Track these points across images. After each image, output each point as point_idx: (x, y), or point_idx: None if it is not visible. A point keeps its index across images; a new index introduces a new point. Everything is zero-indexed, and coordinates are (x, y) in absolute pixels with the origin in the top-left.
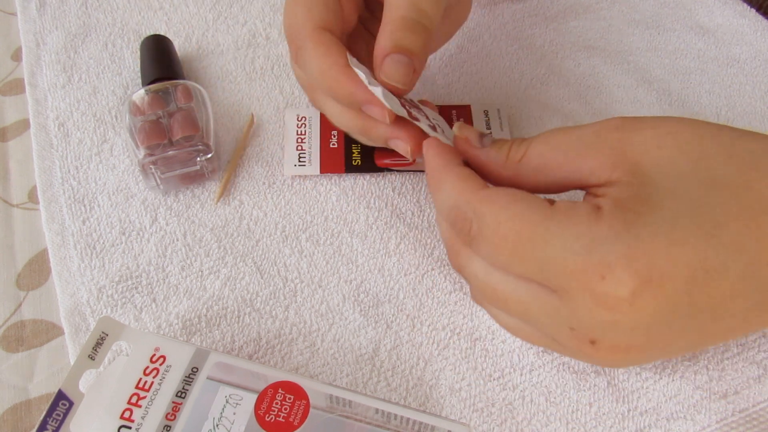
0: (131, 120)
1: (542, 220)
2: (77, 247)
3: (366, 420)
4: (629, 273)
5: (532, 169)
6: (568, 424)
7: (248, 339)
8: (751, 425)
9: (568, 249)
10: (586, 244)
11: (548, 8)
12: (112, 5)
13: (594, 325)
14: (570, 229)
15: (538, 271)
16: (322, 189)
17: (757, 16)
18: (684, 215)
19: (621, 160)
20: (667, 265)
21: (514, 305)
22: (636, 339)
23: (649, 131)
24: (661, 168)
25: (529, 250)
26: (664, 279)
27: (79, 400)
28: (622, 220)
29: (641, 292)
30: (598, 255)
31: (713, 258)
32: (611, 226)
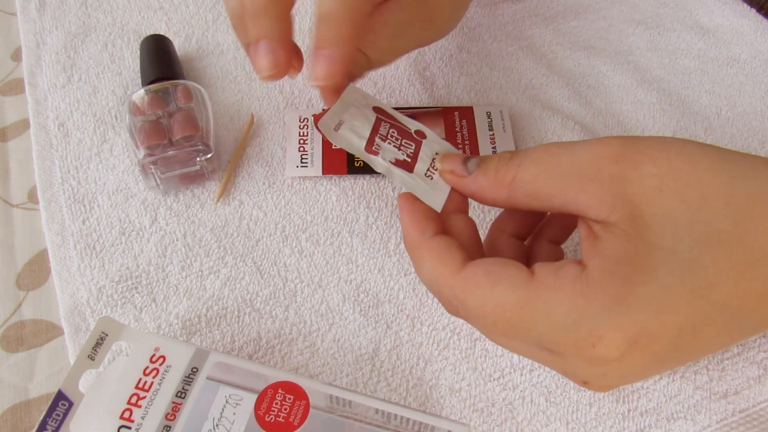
0: (131, 120)
1: (527, 302)
2: (77, 247)
3: (366, 420)
4: (618, 341)
5: (524, 195)
6: (568, 424)
7: (248, 339)
8: (751, 425)
9: (558, 325)
10: (575, 320)
11: (548, 8)
12: (112, 5)
13: (587, 375)
14: (557, 305)
15: (533, 341)
16: (322, 189)
17: (757, 16)
18: (676, 281)
19: (620, 201)
20: (655, 329)
21: (516, 351)
22: (624, 381)
23: (649, 167)
24: (661, 219)
25: (521, 331)
26: (652, 340)
27: (79, 400)
28: (613, 292)
29: (630, 353)
30: (588, 328)
31: (701, 317)
32: (600, 299)
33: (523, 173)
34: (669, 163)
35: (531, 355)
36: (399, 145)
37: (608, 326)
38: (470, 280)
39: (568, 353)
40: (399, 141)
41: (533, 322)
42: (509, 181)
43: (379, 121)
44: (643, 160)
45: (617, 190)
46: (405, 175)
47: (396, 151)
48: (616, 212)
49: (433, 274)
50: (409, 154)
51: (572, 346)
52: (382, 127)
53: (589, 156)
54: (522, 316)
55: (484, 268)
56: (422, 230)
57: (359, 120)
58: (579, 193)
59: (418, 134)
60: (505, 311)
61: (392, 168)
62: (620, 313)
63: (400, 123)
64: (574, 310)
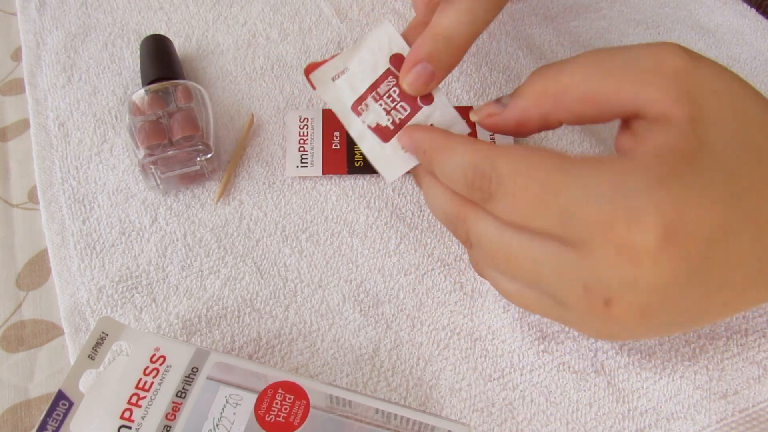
0: (131, 120)
1: (564, 167)
2: (77, 247)
3: (366, 420)
4: (657, 223)
5: (575, 99)
6: (568, 424)
7: (248, 339)
8: (751, 425)
9: (593, 198)
10: (612, 192)
11: (548, 8)
12: (112, 5)
13: (612, 281)
14: (595, 176)
15: (559, 222)
16: (322, 189)
17: (757, 16)
18: (719, 181)
19: (685, 97)
20: (693, 221)
21: (525, 264)
22: (652, 300)
23: (708, 69)
24: (718, 122)
25: (551, 199)
26: (688, 236)
27: (79, 400)
28: (657, 174)
29: (665, 247)
30: (626, 203)
31: (733, 221)
32: (642, 176)
33: (574, 77)
34: (721, 72)
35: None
36: (390, 109)
37: (648, 204)
38: (508, 149)
39: (597, 240)
40: (394, 103)
41: (566, 189)
42: (554, 90)
43: (386, 75)
44: (702, 60)
45: (683, 85)
46: (376, 143)
47: (382, 115)
48: (678, 107)
49: (467, 153)
50: (395, 120)
51: (604, 228)
52: (386, 83)
53: (647, 51)
54: (556, 180)
55: (523, 145)
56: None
57: (364, 70)
58: (641, 86)
59: (424, 98)
60: (539, 173)
61: (366, 132)
62: (661, 194)
63: None
64: (613, 183)
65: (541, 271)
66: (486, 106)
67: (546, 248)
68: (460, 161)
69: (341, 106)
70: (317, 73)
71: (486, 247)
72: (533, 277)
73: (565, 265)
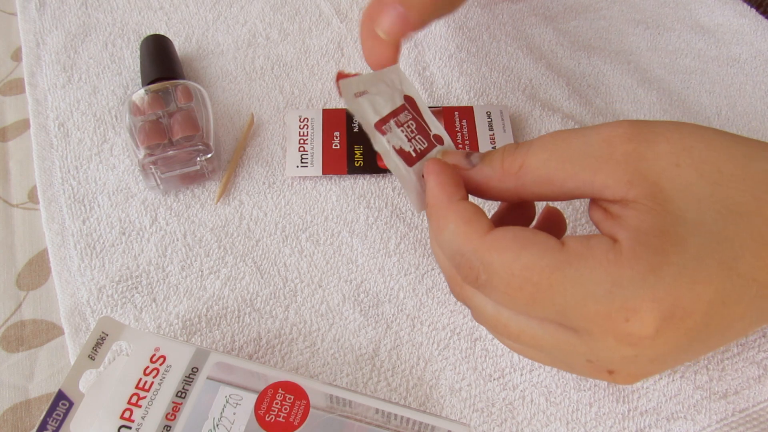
0: (131, 120)
1: (558, 266)
2: (77, 247)
3: (366, 420)
4: (654, 314)
5: (533, 181)
6: (569, 424)
7: (248, 339)
8: (751, 425)
9: (589, 295)
10: (608, 289)
11: (548, 8)
12: (112, 5)
13: (614, 359)
14: (589, 273)
15: (556, 315)
16: (322, 189)
17: (757, 16)
18: (706, 251)
19: (638, 178)
20: (689, 301)
21: (526, 339)
22: (654, 368)
23: (664, 145)
24: (681, 193)
25: (548, 298)
26: (686, 314)
27: (79, 400)
28: (646, 261)
29: (665, 329)
30: (621, 299)
31: (731, 291)
32: (634, 267)
33: (532, 159)
34: (683, 142)
35: (549, 340)
36: (411, 138)
37: (644, 297)
38: (498, 242)
39: (596, 330)
40: (414, 134)
41: (562, 289)
42: (516, 169)
43: (402, 109)
44: (657, 139)
45: (633, 168)
46: (401, 164)
47: (404, 141)
48: (633, 189)
49: (457, 236)
50: (416, 149)
51: (603, 320)
52: (404, 114)
53: (602, 137)
54: (551, 281)
55: (513, 233)
56: (450, 193)
57: (384, 98)
58: (593, 173)
59: (436, 138)
60: (534, 274)
61: (392, 153)
62: (655, 284)
63: (423, 121)
64: (608, 279)
65: (542, 345)
66: (456, 156)
67: (545, 330)
68: (450, 242)
69: (366, 121)
70: (345, 83)
71: (483, 319)
72: (535, 347)
73: (567, 344)
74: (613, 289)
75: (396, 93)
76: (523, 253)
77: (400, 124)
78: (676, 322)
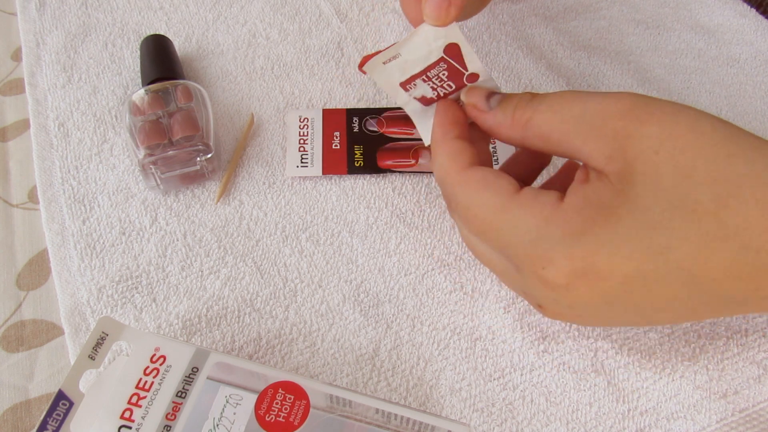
0: (131, 120)
1: (503, 209)
2: (77, 247)
3: (366, 420)
4: (565, 268)
5: (536, 136)
6: (569, 424)
7: (248, 339)
8: (751, 425)
9: (521, 238)
10: (533, 238)
11: (548, 8)
12: (112, 5)
13: (539, 296)
14: (524, 221)
15: (499, 248)
16: (322, 189)
17: (757, 16)
18: (636, 234)
19: (617, 154)
20: (602, 268)
21: (486, 261)
22: (574, 313)
23: (653, 128)
24: (647, 180)
25: (492, 232)
26: (598, 277)
27: (79, 400)
28: (573, 225)
29: (576, 282)
30: (542, 249)
31: (653, 271)
32: (561, 227)
33: (538, 116)
34: (673, 128)
35: (499, 267)
36: (437, 86)
37: (559, 252)
38: (467, 180)
39: (525, 269)
40: (441, 82)
41: (502, 229)
42: (524, 122)
43: (438, 62)
44: (649, 120)
45: (617, 145)
46: (419, 107)
47: (428, 90)
48: (610, 164)
49: (442, 168)
50: (440, 94)
51: (528, 262)
52: (437, 68)
53: (599, 107)
54: (494, 220)
55: (482, 173)
56: (446, 131)
57: (416, 58)
58: (583, 142)
59: (470, 78)
60: (483, 212)
61: (412, 101)
62: (572, 245)
63: (462, 64)
64: (535, 230)
65: (496, 269)
66: (476, 95)
67: (497, 257)
68: (437, 171)
69: (390, 84)
70: (371, 62)
71: (462, 236)
72: (493, 269)
73: (510, 273)
74: (537, 240)
75: (435, 48)
76: (481, 193)
77: (428, 79)
78: (588, 281)
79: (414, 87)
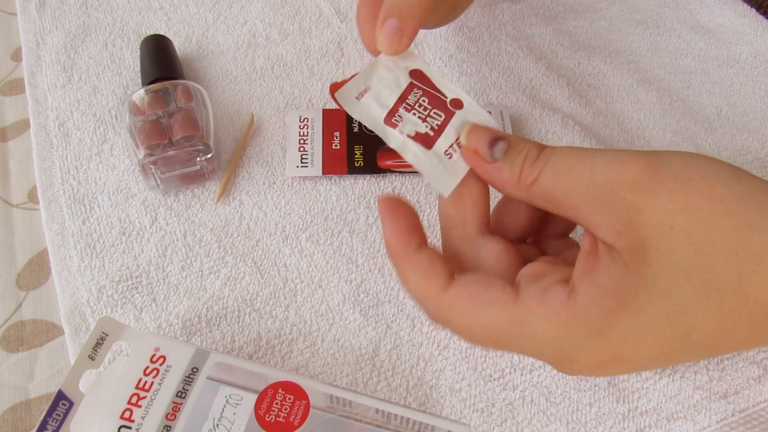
0: (131, 120)
1: (513, 323)
2: (77, 247)
3: (366, 420)
4: (591, 364)
5: (542, 198)
6: (569, 424)
7: (248, 339)
8: (751, 425)
9: (541, 346)
10: (557, 345)
11: (548, 8)
12: (112, 5)
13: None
14: (541, 330)
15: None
16: (322, 189)
17: (757, 16)
18: (662, 322)
19: (628, 230)
20: (629, 357)
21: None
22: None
23: (665, 200)
24: (663, 258)
25: (507, 346)
26: (624, 362)
27: (79, 400)
28: (595, 325)
29: (603, 369)
30: (566, 352)
31: (677, 350)
32: (582, 329)
33: (543, 179)
34: (686, 199)
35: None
36: (425, 116)
37: (585, 352)
38: (456, 303)
39: (549, 362)
40: (427, 111)
41: (517, 341)
42: (530, 183)
43: (411, 88)
44: (660, 190)
45: (627, 219)
46: (420, 152)
47: (419, 123)
48: (621, 240)
49: (419, 289)
50: (433, 126)
51: (553, 361)
52: (413, 94)
53: (607, 176)
54: (507, 336)
55: (468, 290)
56: (406, 243)
57: (387, 86)
58: (591, 212)
59: (454, 104)
60: (491, 332)
61: (408, 142)
62: (598, 344)
63: (436, 90)
64: (556, 337)
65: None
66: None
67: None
68: (414, 293)
69: (374, 121)
70: (341, 92)
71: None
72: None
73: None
74: (560, 344)
75: (400, 73)
76: (480, 314)
77: (410, 108)
78: (614, 366)
79: (401, 120)
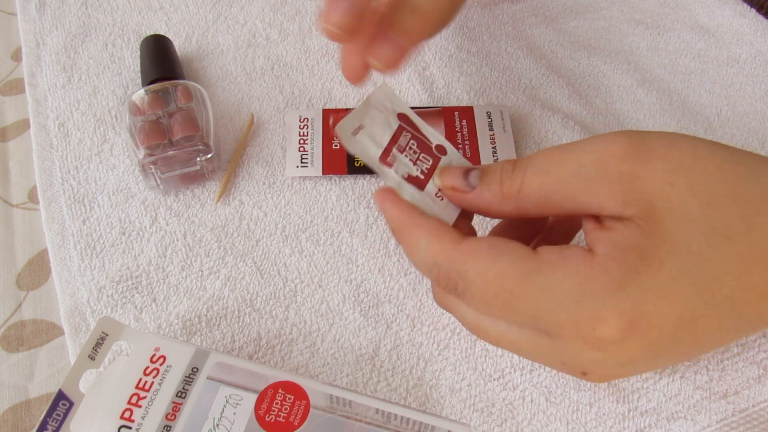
0: (131, 120)
1: (530, 274)
2: (77, 247)
3: (366, 420)
4: (619, 324)
5: (533, 204)
6: (569, 424)
7: (248, 339)
8: (751, 425)
9: (559, 303)
10: (576, 299)
11: (548, 8)
12: (112, 5)
13: (584, 360)
14: (559, 282)
15: (530, 320)
16: (322, 189)
17: (757, 16)
18: (682, 273)
19: (633, 197)
20: (655, 315)
21: (506, 344)
22: (624, 371)
23: (658, 163)
24: (673, 214)
25: (521, 304)
26: (651, 325)
27: (79, 400)
28: (617, 277)
29: (629, 338)
30: (590, 309)
31: (702, 309)
32: (603, 281)
33: (529, 183)
34: (678, 160)
35: (527, 345)
36: (415, 160)
37: (610, 308)
38: (473, 252)
39: (566, 335)
40: (417, 155)
41: (534, 296)
42: (515, 193)
43: (401, 130)
44: (652, 156)
45: (628, 188)
46: (415, 192)
47: (411, 166)
48: (629, 208)
49: (430, 249)
50: (423, 170)
51: (572, 327)
52: (403, 137)
53: (594, 156)
54: (524, 288)
55: (487, 242)
56: (411, 212)
57: (380, 126)
58: (590, 196)
59: (439, 149)
60: (507, 281)
61: (403, 184)
62: (622, 298)
63: (422, 135)
64: (577, 290)
65: (521, 348)
66: (452, 177)
67: (522, 334)
68: (424, 258)
69: (370, 159)
70: (340, 126)
71: (466, 324)
72: (515, 350)
73: (543, 347)
74: (581, 300)
75: (389, 115)
76: (497, 262)
77: (402, 149)
78: (641, 332)
79: (396, 161)
